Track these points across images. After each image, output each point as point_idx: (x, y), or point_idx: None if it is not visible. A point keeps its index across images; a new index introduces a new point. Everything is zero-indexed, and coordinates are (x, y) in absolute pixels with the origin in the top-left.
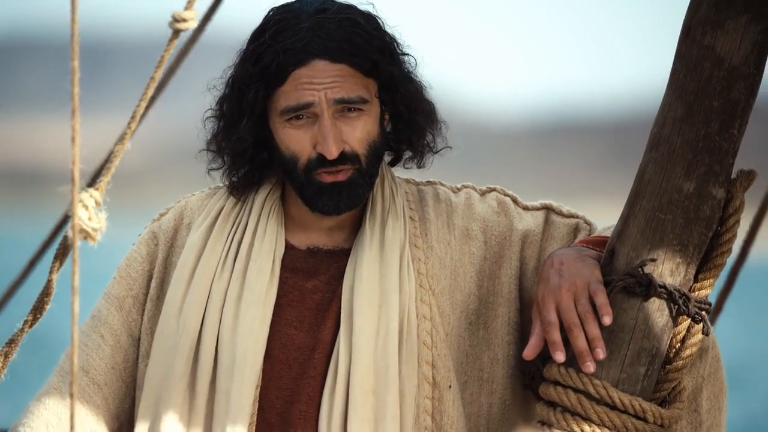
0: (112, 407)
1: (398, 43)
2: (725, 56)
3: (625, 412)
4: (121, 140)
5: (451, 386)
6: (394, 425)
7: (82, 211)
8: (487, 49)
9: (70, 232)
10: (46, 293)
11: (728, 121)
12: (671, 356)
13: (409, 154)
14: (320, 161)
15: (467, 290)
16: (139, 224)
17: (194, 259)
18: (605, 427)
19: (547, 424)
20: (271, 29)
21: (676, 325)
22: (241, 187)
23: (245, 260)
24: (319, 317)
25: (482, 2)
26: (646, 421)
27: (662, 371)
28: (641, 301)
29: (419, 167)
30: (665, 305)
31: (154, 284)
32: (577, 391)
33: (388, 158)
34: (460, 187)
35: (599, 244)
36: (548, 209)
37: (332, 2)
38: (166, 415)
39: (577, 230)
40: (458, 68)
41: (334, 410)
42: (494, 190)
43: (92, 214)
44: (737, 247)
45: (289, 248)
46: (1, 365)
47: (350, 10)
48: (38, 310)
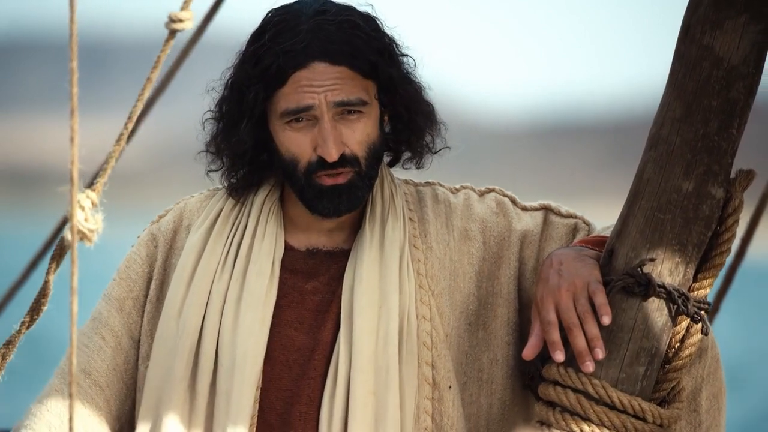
0: (113, 409)
1: (397, 44)
2: (724, 56)
3: (624, 412)
4: (118, 141)
5: (450, 387)
6: (394, 426)
7: (78, 212)
8: (486, 49)
9: (67, 233)
10: (42, 294)
11: (727, 120)
12: (670, 356)
13: (408, 154)
14: (320, 164)
15: (466, 291)
16: (138, 225)
17: (194, 260)
18: (604, 427)
19: (546, 424)
20: (270, 31)
21: (675, 324)
22: (240, 188)
23: (245, 261)
24: (318, 318)
25: (482, 2)
26: (645, 420)
27: (661, 371)
28: (640, 300)
29: (418, 168)
30: (664, 305)
31: (153, 286)
32: (576, 390)
33: (387, 159)
34: (458, 187)
35: (598, 244)
36: (547, 209)
37: (332, 3)
38: (166, 416)
39: (575, 230)
40: (458, 68)
41: (334, 411)
42: (493, 190)
43: (89, 215)
44: (735, 246)
45: (288, 249)
46: None
47: (349, 11)
48: (35, 311)
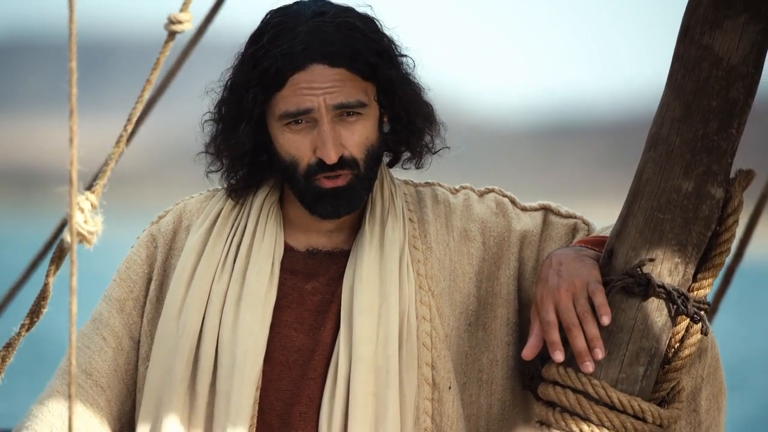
0: (114, 409)
1: (396, 45)
2: (724, 56)
3: (624, 412)
4: (117, 143)
5: (450, 387)
6: (394, 427)
7: (78, 214)
8: (487, 49)
9: (66, 235)
10: (42, 297)
11: (727, 120)
12: (670, 356)
13: (407, 155)
14: (320, 166)
15: (466, 291)
16: (138, 226)
17: (193, 261)
18: (604, 427)
19: (546, 424)
20: (269, 33)
21: (674, 324)
22: (239, 189)
23: (244, 262)
24: (318, 319)
25: (483, 2)
26: (645, 421)
27: (661, 371)
28: (640, 301)
29: (418, 168)
30: (664, 305)
31: (153, 287)
32: (576, 391)
33: (386, 159)
34: (458, 188)
35: (598, 244)
36: (546, 210)
37: (330, 5)
38: (166, 417)
39: (575, 230)
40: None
41: (334, 412)
42: (493, 191)
43: (88, 217)
44: (733, 246)
45: (288, 250)
46: None
47: (348, 13)
48: (35, 313)
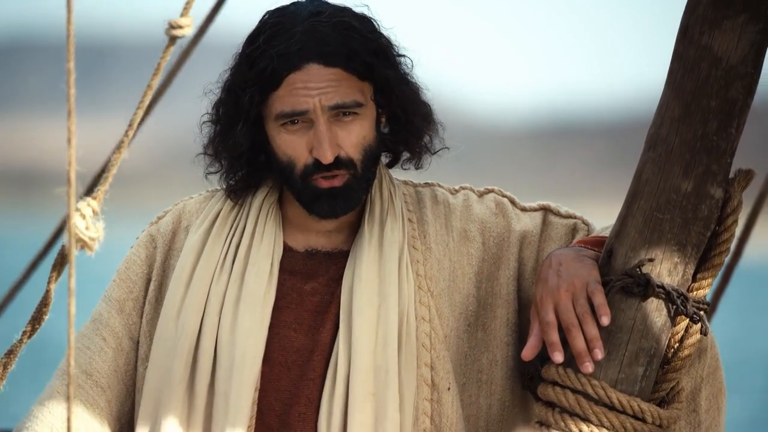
0: (114, 410)
1: (393, 45)
2: (723, 56)
3: (623, 412)
4: (119, 149)
5: (449, 388)
6: (393, 427)
7: (79, 220)
8: (486, 49)
9: (67, 239)
10: (44, 303)
11: (726, 120)
12: (669, 356)
13: (406, 155)
14: (316, 166)
15: (466, 292)
16: (138, 226)
17: (192, 261)
18: (604, 427)
19: (545, 424)
20: (265, 33)
21: (674, 325)
22: (238, 190)
23: (243, 262)
24: (317, 319)
25: (482, 2)
26: (644, 421)
27: (660, 371)
28: (639, 301)
29: (417, 168)
30: (663, 305)
31: (152, 287)
32: (575, 391)
33: (385, 160)
34: (458, 188)
35: (597, 244)
36: (546, 210)
37: (327, 5)
38: (165, 417)
39: (575, 230)
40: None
41: (333, 413)
42: (492, 191)
43: (90, 223)
44: (732, 246)
45: (287, 250)
46: (0, 376)
47: (344, 13)
48: (37, 320)
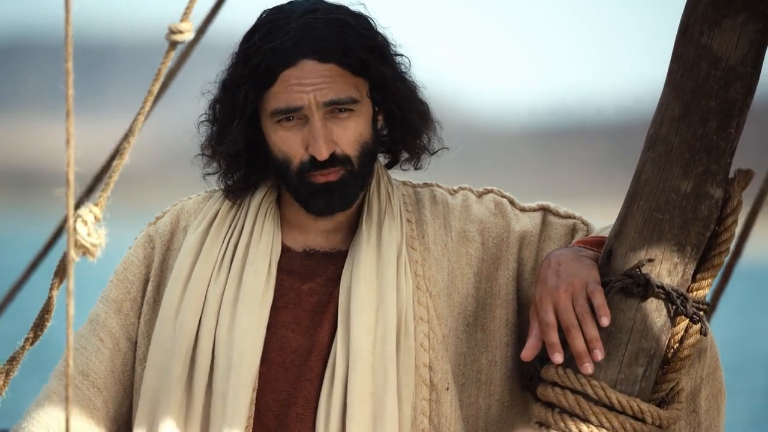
0: (111, 410)
1: (390, 43)
2: (722, 55)
3: (623, 413)
4: (120, 155)
5: (448, 388)
6: (392, 427)
7: (81, 226)
8: (487, 49)
9: (68, 246)
10: (46, 310)
11: (725, 120)
12: (669, 357)
13: (405, 155)
14: (312, 163)
15: (464, 292)
16: (138, 226)
17: (191, 262)
18: (603, 428)
19: (545, 425)
20: (260, 31)
21: (674, 325)
22: (237, 190)
23: (241, 263)
24: (315, 319)
25: (483, 2)
26: (644, 421)
27: (660, 372)
28: (639, 301)
29: (416, 168)
30: (663, 305)
31: (150, 287)
32: (575, 392)
33: (385, 161)
34: (457, 188)
35: (597, 244)
36: (545, 210)
37: (322, 3)
38: (163, 418)
39: (574, 231)
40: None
41: (331, 413)
42: (491, 191)
43: (92, 229)
44: (732, 246)
45: (285, 250)
46: (2, 383)
47: (340, 10)
48: (39, 327)
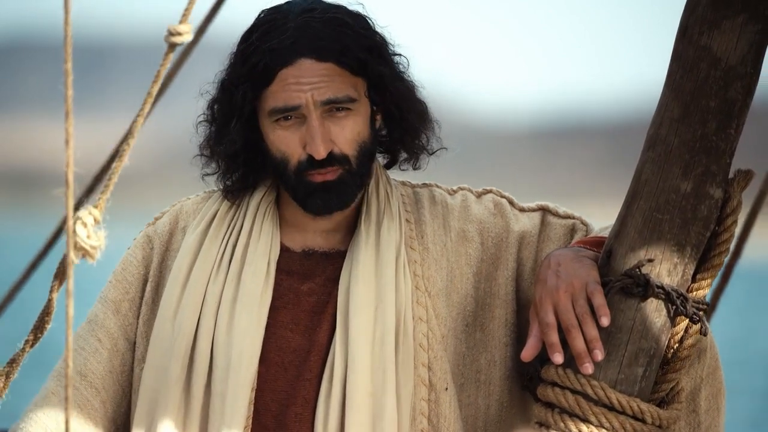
0: (109, 411)
1: (388, 43)
2: (722, 56)
3: (623, 413)
4: (120, 157)
5: (447, 388)
6: (391, 428)
7: (80, 228)
8: (486, 49)
9: (68, 249)
10: (46, 313)
11: (725, 121)
12: (669, 357)
13: (404, 155)
14: (310, 162)
15: (464, 292)
16: (138, 226)
17: (189, 262)
18: (603, 428)
19: (544, 425)
20: (258, 30)
21: (674, 325)
22: (235, 191)
23: (240, 263)
24: (314, 320)
25: (482, 2)
26: (644, 422)
27: (660, 372)
28: (639, 301)
29: (415, 168)
30: (663, 306)
31: (149, 288)
32: (575, 392)
33: (383, 161)
34: (456, 189)
35: (596, 244)
36: (544, 210)
37: (320, 2)
38: (161, 418)
39: (573, 231)
40: (457, 69)
41: (330, 413)
42: (490, 191)
43: (91, 232)
44: (731, 246)
45: (284, 250)
46: (2, 385)
47: (337, 9)
48: (39, 329)
